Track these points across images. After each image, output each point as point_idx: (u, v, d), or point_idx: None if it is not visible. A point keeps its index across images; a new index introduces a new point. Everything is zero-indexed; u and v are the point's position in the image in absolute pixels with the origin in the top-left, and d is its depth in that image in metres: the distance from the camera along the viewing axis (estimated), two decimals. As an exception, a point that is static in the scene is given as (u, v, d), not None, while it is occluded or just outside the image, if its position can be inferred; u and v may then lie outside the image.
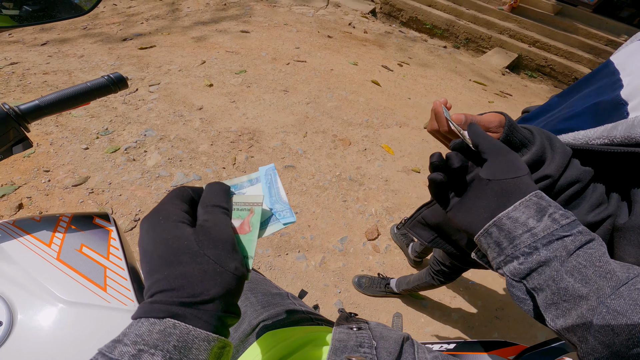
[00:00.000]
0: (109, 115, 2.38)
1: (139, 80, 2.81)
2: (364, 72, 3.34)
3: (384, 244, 1.84)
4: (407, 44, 4.57)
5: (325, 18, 4.80)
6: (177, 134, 2.25)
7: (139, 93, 2.66)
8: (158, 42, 3.62)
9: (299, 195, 1.98)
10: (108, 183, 1.88)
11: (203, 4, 4.84)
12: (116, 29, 4.08)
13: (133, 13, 4.65)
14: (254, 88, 2.76)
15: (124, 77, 0.60)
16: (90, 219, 0.58)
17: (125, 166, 1.98)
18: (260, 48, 3.49)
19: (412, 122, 2.74)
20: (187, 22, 4.22)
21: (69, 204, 1.75)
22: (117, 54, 3.28)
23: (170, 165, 2.03)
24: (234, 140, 2.25)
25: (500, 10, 5.62)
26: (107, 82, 0.58)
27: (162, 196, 1.86)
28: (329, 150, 2.30)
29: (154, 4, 4.99)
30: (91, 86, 0.57)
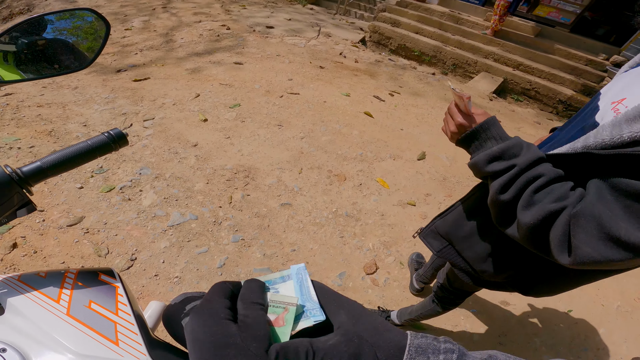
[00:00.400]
0: None
1: (133, 115, 2.86)
2: (357, 103, 3.45)
3: (382, 278, 1.88)
4: (397, 72, 4.74)
5: (317, 48, 4.98)
6: (172, 173, 2.29)
7: (134, 129, 2.70)
8: (152, 73, 3.70)
9: (296, 232, 2.01)
10: (103, 223, 1.90)
11: (197, 35, 4.98)
12: (110, 60, 4.17)
13: (127, 43, 4.75)
14: (248, 123, 2.84)
15: (124, 134, 0.61)
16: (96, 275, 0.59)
17: (121, 206, 2.01)
18: (253, 80, 3.59)
19: (405, 154, 2.83)
20: (181, 53, 4.33)
21: (64, 243, 1.77)
22: (111, 85, 3.34)
23: (166, 204, 2.06)
24: (229, 178, 2.29)
25: (484, 35, 5.90)
26: (107, 140, 0.60)
27: (158, 236, 1.89)
28: (325, 187, 2.36)
29: (149, 34, 5.11)
30: (92, 144, 0.58)
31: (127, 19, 5.83)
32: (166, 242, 1.86)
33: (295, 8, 7.54)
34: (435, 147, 3.00)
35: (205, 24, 5.50)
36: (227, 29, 5.26)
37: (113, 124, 2.73)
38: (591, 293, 2.08)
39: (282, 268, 1.82)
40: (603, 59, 5.35)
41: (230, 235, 1.93)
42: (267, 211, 2.11)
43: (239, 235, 1.94)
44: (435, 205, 2.40)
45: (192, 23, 5.58)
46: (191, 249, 1.84)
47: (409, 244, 2.09)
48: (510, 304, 1.89)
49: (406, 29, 6.26)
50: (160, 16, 5.95)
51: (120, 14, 6.06)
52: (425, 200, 2.43)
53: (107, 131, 0.59)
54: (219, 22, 5.64)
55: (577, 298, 2.03)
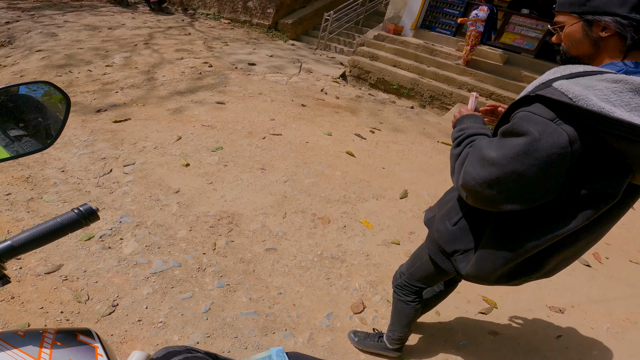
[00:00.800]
0: (82, 199, 2.40)
1: (113, 160, 2.87)
2: (339, 142, 3.57)
3: (370, 316, 1.92)
4: (378, 107, 4.94)
5: (299, 85, 5.16)
6: (154, 220, 2.29)
7: (114, 174, 2.70)
8: (133, 114, 3.73)
9: (282, 276, 2.05)
10: (83, 270, 1.90)
11: (179, 73, 5.08)
12: (90, 98, 4.18)
13: (108, 81, 4.79)
14: (231, 167, 2.89)
15: (94, 210, 0.62)
16: (74, 335, 0.60)
17: (101, 254, 2.01)
18: (236, 121, 3.68)
19: (387, 194, 2.92)
20: (163, 92, 4.39)
21: (42, 290, 1.77)
22: (90, 127, 3.35)
23: (148, 252, 2.07)
24: (213, 225, 2.31)
25: (457, 65, 6.26)
26: (77, 217, 0.61)
27: (140, 283, 1.89)
28: (309, 230, 2.40)
29: (130, 71, 5.17)
30: (61, 222, 0.61)
31: (109, 54, 5.91)
32: (149, 288, 1.86)
33: (277, 44, 7.83)
34: (417, 185, 3.11)
35: (188, 61, 5.62)
36: (209, 67, 5.40)
37: (92, 169, 2.72)
38: (579, 317, 2.16)
39: (268, 312, 1.84)
40: None
41: (215, 281, 1.95)
42: (252, 256, 2.14)
43: (224, 280, 1.96)
44: (419, 243, 2.46)
45: (174, 60, 5.70)
46: (175, 295, 1.85)
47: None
48: (499, 333, 1.95)
49: (384, 62, 6.58)
50: (142, 52, 6.05)
51: (101, 50, 6.13)
52: (409, 239, 2.51)
53: (77, 208, 0.61)
54: (201, 59, 5.79)
55: (565, 323, 2.10)
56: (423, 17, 7.23)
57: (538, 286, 2.31)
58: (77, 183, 2.56)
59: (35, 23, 7.71)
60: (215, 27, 8.78)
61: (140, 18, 9.20)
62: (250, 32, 8.66)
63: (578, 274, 2.51)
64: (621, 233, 3.15)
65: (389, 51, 6.81)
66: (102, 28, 7.67)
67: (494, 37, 6.50)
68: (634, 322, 2.20)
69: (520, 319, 2.08)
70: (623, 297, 2.39)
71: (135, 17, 9.29)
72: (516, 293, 2.22)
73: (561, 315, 2.14)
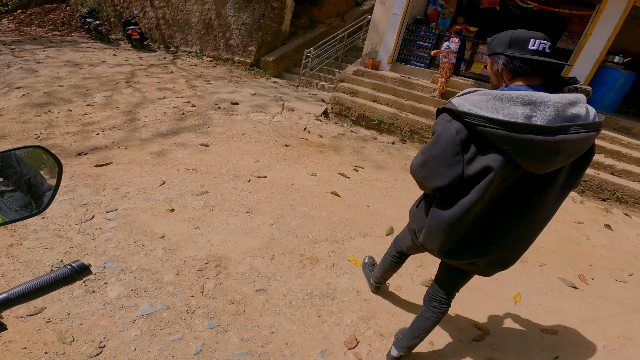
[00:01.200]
0: (63, 246, 2.39)
1: (95, 206, 2.86)
2: (323, 182, 3.69)
3: (364, 350, 1.95)
4: (360, 144, 5.15)
5: (282, 124, 5.34)
6: (139, 265, 2.30)
7: (96, 221, 2.69)
8: (115, 157, 3.75)
9: (273, 315, 2.07)
10: (67, 313, 1.90)
11: (161, 113, 5.16)
12: (70, 141, 4.18)
13: (89, 121, 4.81)
14: (216, 211, 2.93)
15: (86, 266, 0.67)
16: None
17: (85, 297, 2.01)
18: (220, 164, 3.75)
19: (374, 231, 3.02)
20: (145, 134, 4.44)
21: (24, 331, 1.77)
22: (71, 172, 3.34)
23: (135, 296, 2.07)
24: (200, 269, 2.33)
25: (432, 98, 6.61)
26: (70, 272, 0.66)
27: (128, 325, 1.88)
28: (298, 270, 2.46)
29: (111, 111, 5.21)
30: (55, 277, 0.66)
31: (89, 93, 5.95)
32: (137, 330, 1.85)
33: (259, 82, 8.10)
34: (402, 221, 3.23)
35: (170, 101, 5.73)
36: (192, 106, 5.52)
37: (73, 215, 2.71)
38: (573, 337, 2.25)
39: (261, 351, 1.86)
40: None
41: (205, 322, 1.96)
42: (241, 297, 2.16)
43: (215, 321, 1.97)
44: (408, 277, 2.56)
45: (157, 100, 5.80)
46: (164, 337, 1.84)
47: (387, 315, 2.21)
48: (495, 359, 2.01)
49: (364, 97, 6.87)
50: (123, 91, 6.13)
51: (82, 87, 6.18)
52: (398, 274, 2.58)
53: (70, 264, 0.66)
54: (183, 98, 5.91)
55: (560, 343, 2.18)
56: (398, 51, 7.67)
57: (527, 310, 2.42)
58: (58, 230, 2.54)
59: (16, 58, 7.74)
60: (198, 64, 9.04)
61: (122, 55, 9.37)
62: (233, 70, 8.95)
63: (566, 296, 2.64)
64: (603, 254, 3.35)
65: (368, 86, 7.12)
66: (83, 65, 7.78)
67: (464, 68, 6.94)
68: (630, 339, 2.30)
69: (515, 343, 2.15)
70: (614, 315, 2.53)
71: (116, 53, 9.47)
72: (507, 318, 2.32)
73: (555, 336, 2.23)
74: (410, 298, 2.36)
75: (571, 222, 3.90)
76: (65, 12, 13.14)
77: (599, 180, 4.78)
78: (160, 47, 10.93)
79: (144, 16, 11.52)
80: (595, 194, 4.82)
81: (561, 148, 1.06)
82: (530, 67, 1.16)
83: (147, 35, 11.06)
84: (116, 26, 12.05)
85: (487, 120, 1.07)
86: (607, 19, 5.78)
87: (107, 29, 10.90)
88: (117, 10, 12.39)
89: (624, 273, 3.08)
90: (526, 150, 1.06)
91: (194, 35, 10.33)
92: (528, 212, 1.25)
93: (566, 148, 1.07)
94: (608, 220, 4.09)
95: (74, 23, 12.50)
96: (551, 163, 1.09)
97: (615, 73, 6.32)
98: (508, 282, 2.67)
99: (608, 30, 5.82)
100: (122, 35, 11.11)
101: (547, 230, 3.53)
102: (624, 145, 5.45)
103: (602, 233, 3.78)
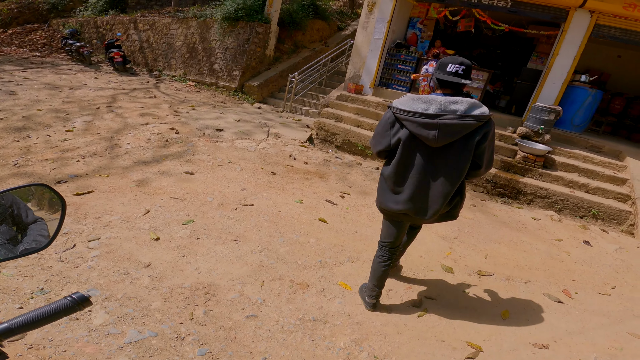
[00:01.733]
0: (44, 274, 2.37)
1: (76, 235, 2.85)
2: (310, 209, 3.78)
3: None
4: (345, 170, 5.29)
5: (267, 151, 5.45)
6: (125, 293, 2.29)
7: (77, 249, 2.68)
8: (96, 185, 3.74)
9: (265, 341, 2.08)
10: (49, 340, 1.87)
11: (144, 140, 5.19)
12: (49, 168, 4.14)
13: (68, 148, 4.78)
14: (203, 239, 2.96)
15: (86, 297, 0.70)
16: None
17: (68, 325, 1.99)
18: (205, 192, 3.80)
19: (362, 256, 3.10)
20: (127, 162, 4.45)
21: None
22: (50, 202, 3.31)
23: (121, 323, 2.06)
24: (188, 296, 2.35)
25: None
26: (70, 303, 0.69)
27: (115, 352, 1.86)
28: (289, 296, 2.50)
29: (92, 137, 5.20)
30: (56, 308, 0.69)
31: (69, 117, 5.93)
32: (125, 357, 1.84)
33: (244, 107, 8.26)
34: (388, 247, 3.32)
35: (153, 127, 5.77)
36: (176, 133, 5.57)
37: (53, 244, 2.68)
38: (564, 351, 2.33)
39: None
40: (511, 132, 6.39)
41: (196, 349, 1.96)
42: (232, 324, 2.17)
43: (205, 348, 1.97)
44: (398, 299, 2.64)
45: (139, 125, 5.83)
46: None
47: (380, 337, 2.26)
48: None
49: (348, 122, 7.08)
50: (104, 117, 6.14)
51: (61, 112, 6.16)
52: (388, 295, 2.66)
53: (70, 295, 0.70)
54: (167, 124, 5.97)
55: (552, 358, 2.25)
56: (380, 75, 7.99)
57: (517, 326, 2.52)
58: (38, 258, 2.52)
59: (-6, 79, 7.67)
60: (181, 89, 9.15)
61: (104, 78, 9.41)
62: (217, 95, 9.09)
63: (552, 311, 2.75)
64: (584, 269, 3.51)
65: (351, 111, 7.34)
66: (63, 88, 7.77)
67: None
68: (620, 349, 2.40)
69: (508, 359, 2.21)
70: (601, 327, 2.63)
71: (98, 76, 9.50)
72: (498, 335, 2.40)
73: (546, 350, 2.31)
74: (401, 320, 2.42)
75: (551, 240, 4.09)
76: (47, 33, 13.22)
77: (575, 199, 5.06)
78: (143, 71, 11.03)
79: (127, 39, 11.69)
80: (572, 212, 5.07)
81: (439, 126, 1.84)
82: (442, 83, 1.97)
83: (129, 58, 11.18)
84: (98, 48, 12.15)
85: (401, 110, 1.93)
86: (572, 38, 6.18)
87: (88, 51, 10.99)
88: (99, 32, 12.54)
89: (607, 286, 3.24)
90: (417, 127, 1.89)
91: (177, 59, 10.51)
92: (433, 173, 1.99)
93: (443, 128, 1.84)
94: (586, 237, 4.31)
95: (54, 44, 12.56)
96: (435, 136, 1.85)
97: (582, 92, 6.63)
98: (496, 300, 2.78)
99: (574, 49, 6.21)
100: (104, 58, 11.19)
101: (529, 248, 3.72)
102: (596, 163, 5.80)
103: (582, 249, 3.98)
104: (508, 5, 6.45)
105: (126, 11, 13.37)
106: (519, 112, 7.24)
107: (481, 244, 3.69)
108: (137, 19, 11.55)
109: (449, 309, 2.60)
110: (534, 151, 5.54)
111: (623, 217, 4.85)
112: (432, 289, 2.81)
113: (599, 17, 5.99)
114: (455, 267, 3.15)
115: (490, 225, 4.21)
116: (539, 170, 5.52)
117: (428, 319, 2.47)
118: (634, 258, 3.91)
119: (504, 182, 5.45)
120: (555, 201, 5.17)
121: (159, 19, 11.05)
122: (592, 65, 8.74)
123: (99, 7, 13.35)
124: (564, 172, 5.62)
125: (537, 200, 5.26)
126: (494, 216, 4.52)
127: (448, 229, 3.87)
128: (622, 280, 3.40)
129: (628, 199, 5.08)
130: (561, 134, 6.45)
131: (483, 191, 5.56)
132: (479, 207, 4.77)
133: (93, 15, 13.12)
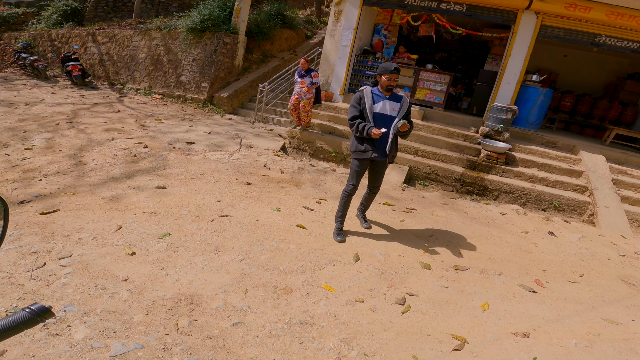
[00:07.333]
0: (16, 292, 2.31)
1: (45, 253, 2.77)
2: (288, 217, 3.83)
3: None
4: (320, 177, 5.40)
5: (241, 162, 5.46)
6: (104, 307, 2.26)
7: (48, 267, 2.61)
8: (62, 204, 3.63)
9: (255, 347, 2.11)
10: (31, 356, 1.84)
11: (110, 156, 5.06)
12: (11, 188, 3.97)
13: (30, 167, 4.59)
14: (181, 252, 2.94)
15: (47, 308, 0.66)
16: None
17: (48, 340, 1.96)
18: (180, 205, 3.77)
19: (342, 258, 3.19)
20: (94, 179, 4.34)
21: None
22: (14, 220, 3.20)
23: (104, 337, 2.03)
24: (171, 307, 2.34)
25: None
26: (30, 315, 0.65)
27: None
28: (274, 301, 2.54)
29: (54, 155, 5.02)
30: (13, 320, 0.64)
31: (27, 135, 5.70)
32: None
33: (214, 119, 8.20)
34: (368, 247, 3.44)
35: (120, 142, 5.64)
36: (144, 147, 5.47)
37: (22, 263, 2.62)
38: (545, 338, 2.48)
39: None
40: (474, 132, 6.74)
41: (185, 359, 1.96)
42: (219, 332, 2.19)
43: (194, 357, 1.98)
44: (382, 298, 2.74)
45: (104, 141, 5.68)
46: None
47: (367, 335, 2.34)
48: None
49: (321, 129, 7.21)
50: (65, 133, 5.94)
51: (18, 130, 5.91)
52: (371, 294, 2.75)
53: (28, 307, 0.66)
54: (134, 139, 5.85)
55: (535, 345, 2.40)
56: (349, 82, 8.21)
57: (497, 317, 2.67)
58: (8, 277, 2.44)
59: (-59, 97, 7.21)
60: (147, 102, 8.97)
61: (61, 93, 9.08)
62: (186, 108, 8.99)
63: (527, 300, 2.93)
64: (551, 259, 3.77)
65: (323, 118, 7.47)
66: (19, 104, 7.45)
67: (409, 94, 7.56)
68: (598, 335, 2.58)
69: (493, 348, 2.35)
70: (575, 314, 2.84)
71: (55, 91, 9.16)
72: (480, 326, 2.54)
73: (528, 339, 2.46)
74: (386, 317, 2.52)
75: (518, 232, 4.36)
76: (-2, 47, 12.60)
77: (537, 192, 5.42)
78: (105, 85, 10.72)
79: (85, 52, 11.35)
80: (535, 205, 5.43)
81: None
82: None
83: (89, 71, 10.85)
84: (54, 62, 11.71)
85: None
86: (522, 39, 6.65)
87: (43, 64, 10.57)
88: (54, 46, 12.10)
89: (575, 274, 3.50)
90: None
91: (141, 71, 10.30)
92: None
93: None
94: (550, 228, 4.63)
95: (7, 58, 11.99)
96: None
97: (535, 91, 7.13)
98: (473, 293, 2.94)
99: (524, 50, 6.69)
100: (61, 72, 10.79)
101: (499, 242, 3.96)
102: (552, 158, 6.25)
103: (548, 240, 4.27)
104: (464, 9, 6.87)
105: (83, 24, 13.00)
106: (479, 113, 7.68)
107: (455, 240, 3.89)
108: (95, 32, 11.26)
109: (430, 303, 2.73)
110: (496, 149, 5.92)
111: (583, 208, 5.25)
112: (413, 285, 2.94)
113: (544, 18, 6.50)
114: (432, 263, 3.31)
115: (462, 221, 4.43)
116: (501, 167, 5.88)
117: (412, 314, 2.59)
118: (597, 246, 4.24)
119: (471, 180, 5.76)
120: (519, 196, 5.51)
121: (119, 31, 10.82)
122: (542, 65, 9.42)
123: (52, 20, 12.92)
124: (525, 167, 6.02)
125: (503, 195, 5.60)
126: (464, 213, 4.76)
127: (423, 227, 4.05)
128: (589, 267, 3.68)
129: (585, 190, 5.50)
130: (519, 132, 6.90)
131: (453, 190, 5.83)
132: (450, 205, 5.00)
133: (47, 28, 12.67)
